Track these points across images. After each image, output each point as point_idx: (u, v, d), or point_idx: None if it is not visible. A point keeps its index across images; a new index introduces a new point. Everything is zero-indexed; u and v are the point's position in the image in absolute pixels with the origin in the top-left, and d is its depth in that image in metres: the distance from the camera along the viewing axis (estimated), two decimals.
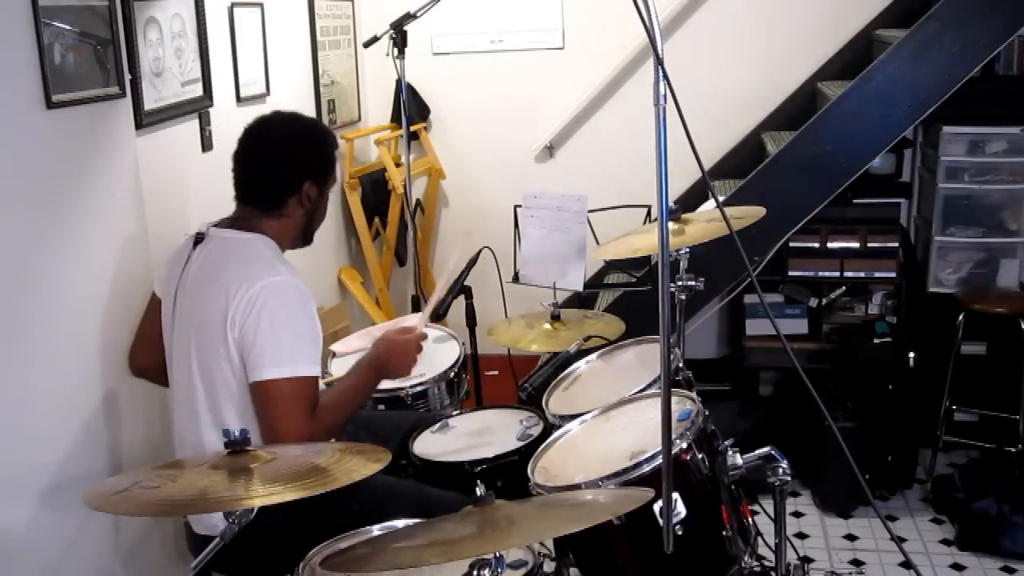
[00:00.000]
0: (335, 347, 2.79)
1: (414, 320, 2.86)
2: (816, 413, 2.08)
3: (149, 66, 2.48)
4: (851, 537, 3.36)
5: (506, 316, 2.99)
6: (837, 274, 3.75)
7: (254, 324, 1.93)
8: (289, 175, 2.10)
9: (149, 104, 2.47)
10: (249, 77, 3.17)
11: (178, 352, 2.09)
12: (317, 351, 2.02)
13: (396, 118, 4.23)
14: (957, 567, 3.15)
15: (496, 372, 3.26)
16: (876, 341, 3.65)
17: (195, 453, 2.02)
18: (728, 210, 2.06)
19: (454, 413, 2.56)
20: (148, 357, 2.22)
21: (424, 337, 2.28)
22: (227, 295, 1.95)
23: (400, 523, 1.86)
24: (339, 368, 2.66)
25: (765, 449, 1.85)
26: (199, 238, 2.10)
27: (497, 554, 1.50)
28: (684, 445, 1.85)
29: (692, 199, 3.80)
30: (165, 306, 2.14)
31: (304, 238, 2.21)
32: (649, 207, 3.04)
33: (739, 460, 1.86)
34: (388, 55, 3.22)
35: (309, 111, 3.73)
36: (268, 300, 1.94)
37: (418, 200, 4.31)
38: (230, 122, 2.17)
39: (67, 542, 2.05)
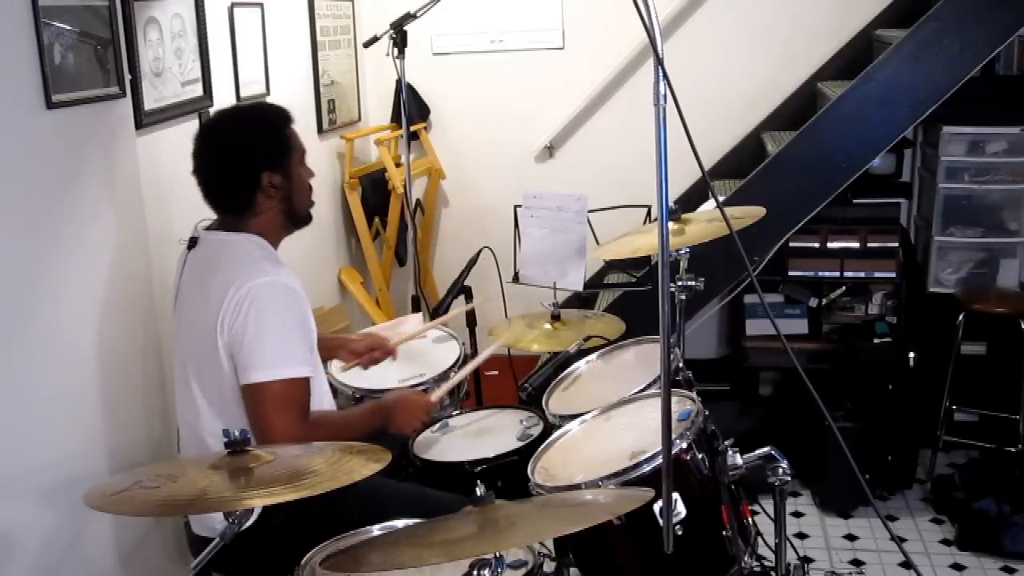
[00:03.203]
0: None
1: (413, 322, 2.88)
2: (816, 413, 2.08)
3: (149, 66, 2.48)
4: (851, 537, 3.36)
5: (506, 316, 2.99)
6: (837, 274, 3.75)
7: (242, 327, 1.92)
8: (244, 176, 2.04)
9: (149, 104, 2.47)
10: (249, 77, 3.17)
11: (179, 359, 2.10)
12: (307, 351, 2.00)
13: (396, 118, 4.23)
14: (957, 567, 3.15)
15: (496, 372, 3.26)
16: (876, 341, 3.65)
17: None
18: (728, 210, 2.06)
19: (454, 413, 2.56)
20: None
21: (435, 406, 2.31)
22: (217, 300, 1.94)
23: (400, 523, 1.85)
24: (339, 368, 2.65)
25: (765, 449, 1.85)
26: (192, 242, 2.09)
27: (497, 554, 1.50)
28: (684, 445, 1.85)
29: (692, 199, 3.80)
30: (173, 314, 2.15)
31: (294, 222, 2.14)
32: (649, 207, 3.04)
33: (739, 460, 1.85)
34: (388, 55, 3.22)
35: (309, 111, 3.73)
36: (255, 302, 1.92)
37: (418, 200, 4.31)
38: None
39: (67, 542, 2.05)
